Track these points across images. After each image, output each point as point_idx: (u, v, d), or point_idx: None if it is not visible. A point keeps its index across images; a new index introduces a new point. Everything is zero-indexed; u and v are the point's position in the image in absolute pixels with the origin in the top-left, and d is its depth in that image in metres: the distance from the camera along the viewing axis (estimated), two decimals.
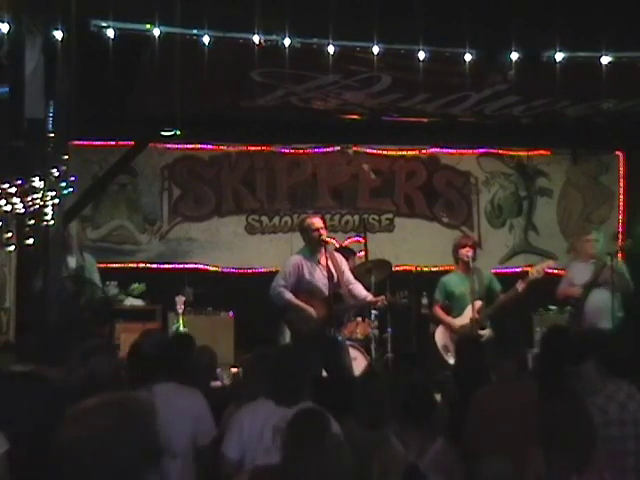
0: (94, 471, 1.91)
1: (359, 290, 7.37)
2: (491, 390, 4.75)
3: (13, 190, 5.52)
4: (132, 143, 8.90)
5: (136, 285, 9.03)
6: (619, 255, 8.74)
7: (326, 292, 7.19)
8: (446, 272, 8.29)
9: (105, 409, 1.98)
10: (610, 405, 3.93)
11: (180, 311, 8.36)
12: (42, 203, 5.81)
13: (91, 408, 1.98)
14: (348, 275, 7.42)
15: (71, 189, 6.50)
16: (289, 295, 7.19)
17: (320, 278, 7.25)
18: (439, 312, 7.94)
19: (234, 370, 7.79)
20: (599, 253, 8.22)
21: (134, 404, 2.05)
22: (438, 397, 5.93)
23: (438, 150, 10.22)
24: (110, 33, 5.90)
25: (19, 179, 5.61)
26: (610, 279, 7.92)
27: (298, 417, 3.43)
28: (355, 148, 10.03)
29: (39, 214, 5.86)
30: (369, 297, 7.38)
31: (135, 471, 1.95)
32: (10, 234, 5.81)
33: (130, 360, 4.53)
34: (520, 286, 7.76)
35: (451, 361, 7.30)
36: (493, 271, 8.58)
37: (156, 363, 4.32)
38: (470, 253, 7.91)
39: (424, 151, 10.22)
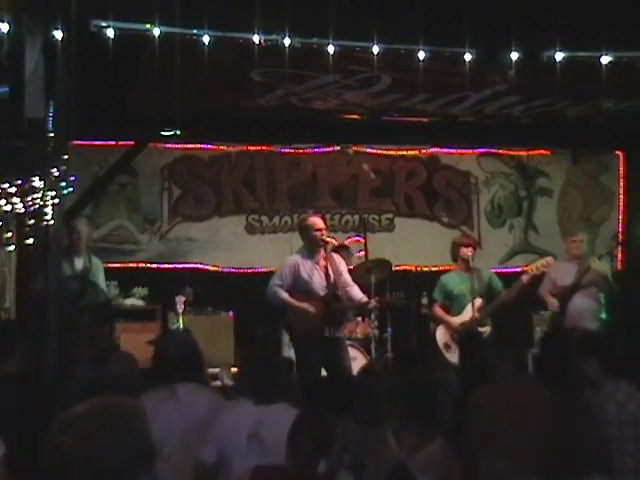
0: (86, 476, 1.91)
1: (355, 292, 7.36)
2: (491, 390, 4.75)
3: (13, 190, 5.52)
4: (132, 143, 8.90)
5: (138, 289, 9.03)
6: (618, 255, 8.78)
7: (323, 293, 7.19)
8: (446, 272, 8.29)
9: (96, 414, 1.98)
10: (608, 404, 3.93)
11: (180, 311, 8.37)
12: (42, 203, 5.80)
13: (82, 413, 1.99)
14: (346, 277, 7.41)
15: (71, 189, 6.50)
16: (284, 295, 7.19)
17: (317, 279, 7.24)
18: (439, 311, 7.95)
19: (234, 370, 7.80)
20: (584, 254, 8.24)
21: (123, 408, 2.06)
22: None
23: (438, 150, 10.22)
24: (110, 33, 5.91)
25: (19, 179, 5.60)
26: (594, 281, 7.97)
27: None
28: (355, 148, 10.03)
29: (39, 214, 5.86)
30: (364, 299, 7.39)
31: (127, 474, 1.95)
32: (10, 234, 5.81)
33: (154, 360, 4.56)
34: (525, 277, 7.77)
35: (452, 359, 7.30)
36: (493, 271, 8.58)
37: (178, 363, 4.35)
38: (471, 252, 7.92)
39: (424, 151, 10.22)
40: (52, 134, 6.33)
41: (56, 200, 6.00)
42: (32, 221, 5.88)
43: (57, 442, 1.94)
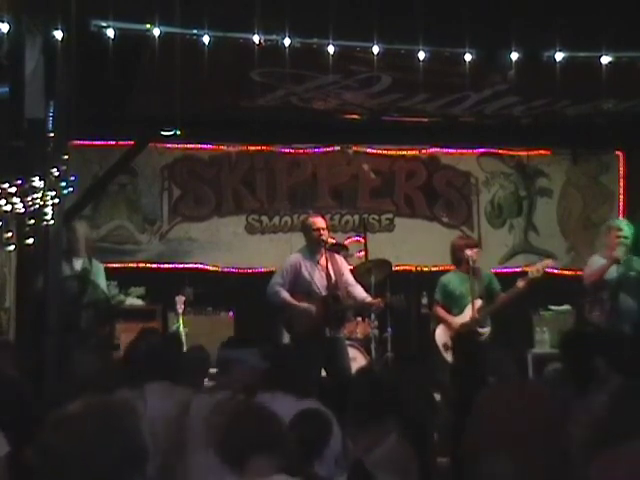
0: (83, 476, 1.91)
1: (358, 292, 7.37)
2: (495, 390, 4.75)
3: (13, 190, 5.53)
4: (132, 143, 8.89)
5: (134, 289, 8.99)
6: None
7: (324, 293, 7.19)
8: (446, 272, 8.28)
9: (90, 413, 1.98)
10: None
11: (180, 311, 8.36)
12: (42, 203, 5.81)
13: (75, 412, 1.98)
14: (347, 277, 7.41)
15: (71, 189, 6.50)
16: (285, 294, 7.20)
17: (318, 278, 7.25)
18: (440, 311, 7.93)
19: None
20: (624, 248, 7.67)
21: (117, 407, 2.05)
22: (438, 397, 5.97)
23: (438, 150, 10.21)
24: (110, 33, 5.91)
25: (19, 179, 5.61)
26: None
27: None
28: (355, 148, 10.02)
29: (39, 214, 5.86)
30: (367, 299, 7.39)
31: (120, 474, 1.95)
32: (10, 234, 5.82)
33: (124, 359, 4.56)
34: (521, 283, 7.72)
35: (450, 360, 7.30)
36: (493, 271, 8.57)
37: (147, 362, 4.33)
38: (476, 254, 7.91)
39: (424, 151, 10.21)
40: (52, 134, 6.33)
41: (56, 200, 6.00)
42: (32, 221, 5.88)
43: (52, 442, 1.94)
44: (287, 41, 6.12)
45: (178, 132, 8.41)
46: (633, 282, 7.72)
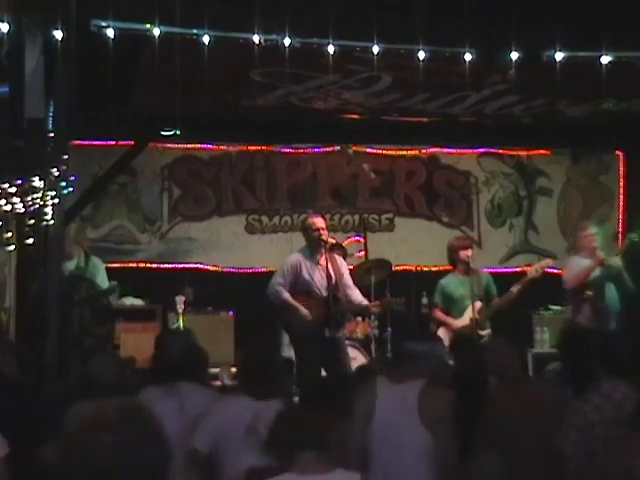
0: (108, 477, 1.90)
1: (356, 295, 7.37)
2: (507, 390, 4.74)
3: (13, 190, 5.53)
4: (132, 143, 8.89)
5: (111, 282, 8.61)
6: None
7: (324, 293, 7.19)
8: (446, 272, 8.27)
9: (124, 416, 1.97)
10: (606, 404, 3.92)
11: (180, 311, 8.36)
12: (42, 203, 5.81)
13: (107, 414, 1.97)
14: (346, 279, 7.41)
15: (71, 189, 6.50)
16: (286, 294, 7.20)
17: (318, 279, 7.25)
18: (439, 315, 7.91)
19: (234, 370, 7.80)
20: (600, 248, 7.94)
21: (144, 410, 2.05)
22: None
23: (438, 150, 10.22)
24: (110, 33, 5.91)
25: (19, 179, 5.62)
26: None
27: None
28: (355, 148, 10.02)
29: (39, 214, 5.87)
30: (364, 302, 7.40)
31: (149, 475, 1.94)
32: (10, 234, 5.82)
33: (155, 359, 4.60)
34: (515, 289, 7.73)
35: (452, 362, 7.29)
36: (493, 271, 8.56)
37: (180, 363, 4.39)
38: (470, 254, 7.90)
39: (424, 151, 10.21)
40: (52, 134, 6.34)
41: (56, 200, 6.01)
42: (32, 221, 5.89)
43: (83, 443, 1.92)
44: (287, 41, 6.12)
45: (178, 132, 8.41)
46: (616, 281, 7.80)
